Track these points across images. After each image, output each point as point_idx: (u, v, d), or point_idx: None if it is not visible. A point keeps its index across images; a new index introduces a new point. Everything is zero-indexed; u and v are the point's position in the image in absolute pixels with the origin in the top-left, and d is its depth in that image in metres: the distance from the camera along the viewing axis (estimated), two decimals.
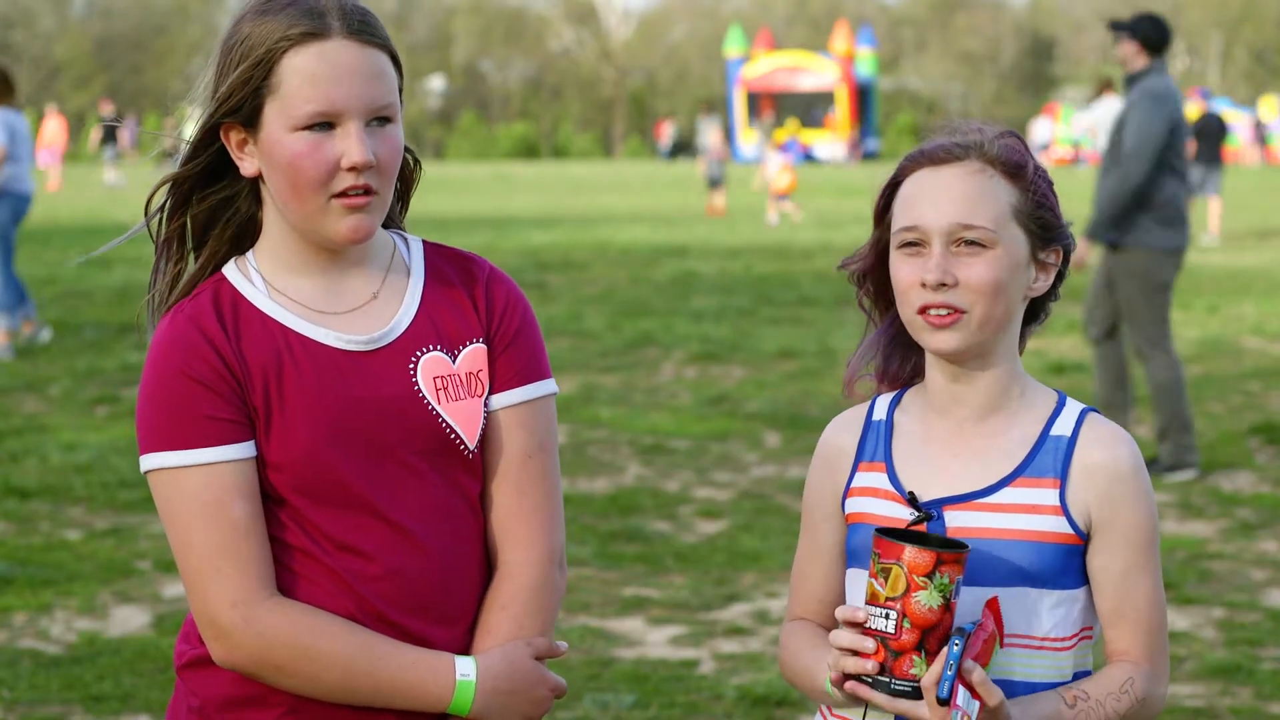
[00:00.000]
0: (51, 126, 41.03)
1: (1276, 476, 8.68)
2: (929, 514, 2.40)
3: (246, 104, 2.34)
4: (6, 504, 7.95)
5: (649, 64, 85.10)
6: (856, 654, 2.29)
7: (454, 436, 2.42)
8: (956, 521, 2.40)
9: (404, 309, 2.44)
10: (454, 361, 2.44)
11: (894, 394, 2.56)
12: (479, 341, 2.46)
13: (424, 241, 2.53)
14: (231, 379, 2.35)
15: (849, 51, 61.67)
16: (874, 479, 2.48)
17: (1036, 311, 2.52)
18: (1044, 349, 12.64)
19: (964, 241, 2.39)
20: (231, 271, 2.43)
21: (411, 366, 2.41)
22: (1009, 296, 2.42)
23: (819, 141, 59.57)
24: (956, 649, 2.23)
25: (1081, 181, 24.14)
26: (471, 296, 2.48)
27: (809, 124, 59.17)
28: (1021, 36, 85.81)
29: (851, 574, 2.50)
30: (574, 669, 5.66)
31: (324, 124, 2.32)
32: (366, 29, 2.35)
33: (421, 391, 2.41)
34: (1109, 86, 24.38)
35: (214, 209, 2.45)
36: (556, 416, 2.53)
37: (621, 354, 12.88)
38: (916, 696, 2.25)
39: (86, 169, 43.18)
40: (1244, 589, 6.68)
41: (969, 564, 2.29)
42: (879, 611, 2.26)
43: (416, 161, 2.54)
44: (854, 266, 2.55)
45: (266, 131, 2.34)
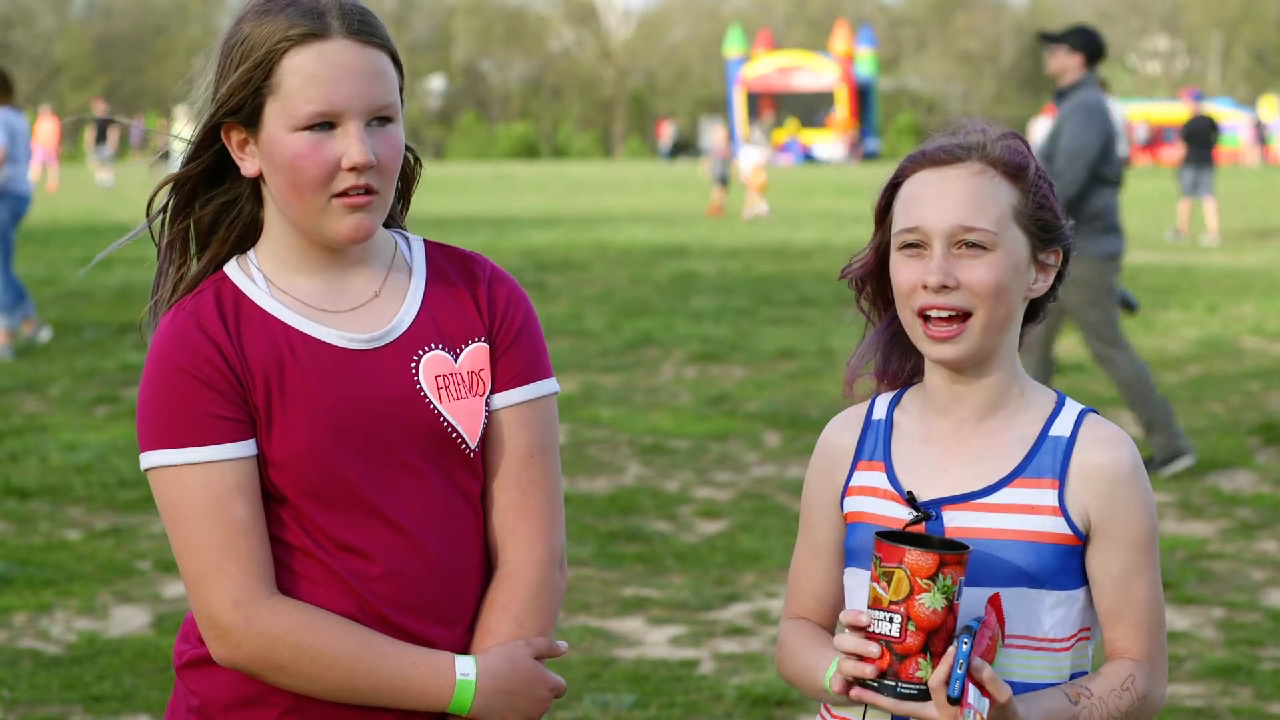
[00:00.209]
0: (45, 127, 40.92)
1: (1276, 476, 8.68)
2: (928, 514, 2.40)
3: (247, 104, 2.34)
4: (6, 504, 7.95)
5: (649, 64, 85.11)
6: (860, 658, 2.29)
7: (455, 435, 2.42)
8: (955, 522, 2.40)
9: (406, 308, 2.44)
10: (456, 360, 2.44)
11: (894, 393, 2.56)
12: (481, 340, 2.46)
13: (425, 240, 2.53)
14: (233, 377, 2.34)
15: (849, 51, 61.68)
16: (873, 478, 2.48)
17: (1035, 312, 2.52)
18: None
19: (965, 244, 2.39)
20: (233, 270, 2.43)
21: (413, 365, 2.41)
22: (1010, 298, 2.41)
23: (819, 141, 59.58)
24: (966, 647, 2.22)
25: None
26: (473, 295, 2.48)
27: (812, 125, 59.16)
28: (1021, 36, 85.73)
29: (850, 573, 2.50)
30: (574, 669, 5.66)
31: (324, 124, 2.32)
32: (367, 29, 2.35)
33: (423, 390, 2.41)
34: (1104, 89, 24.38)
35: (217, 212, 2.45)
36: (558, 416, 2.54)
37: (621, 354, 12.88)
38: (924, 698, 2.25)
39: (86, 169, 43.10)
40: (1244, 589, 6.67)
41: (969, 565, 2.29)
42: (882, 615, 2.25)
43: (417, 160, 2.54)
44: (854, 272, 2.55)
45: (267, 132, 2.34)
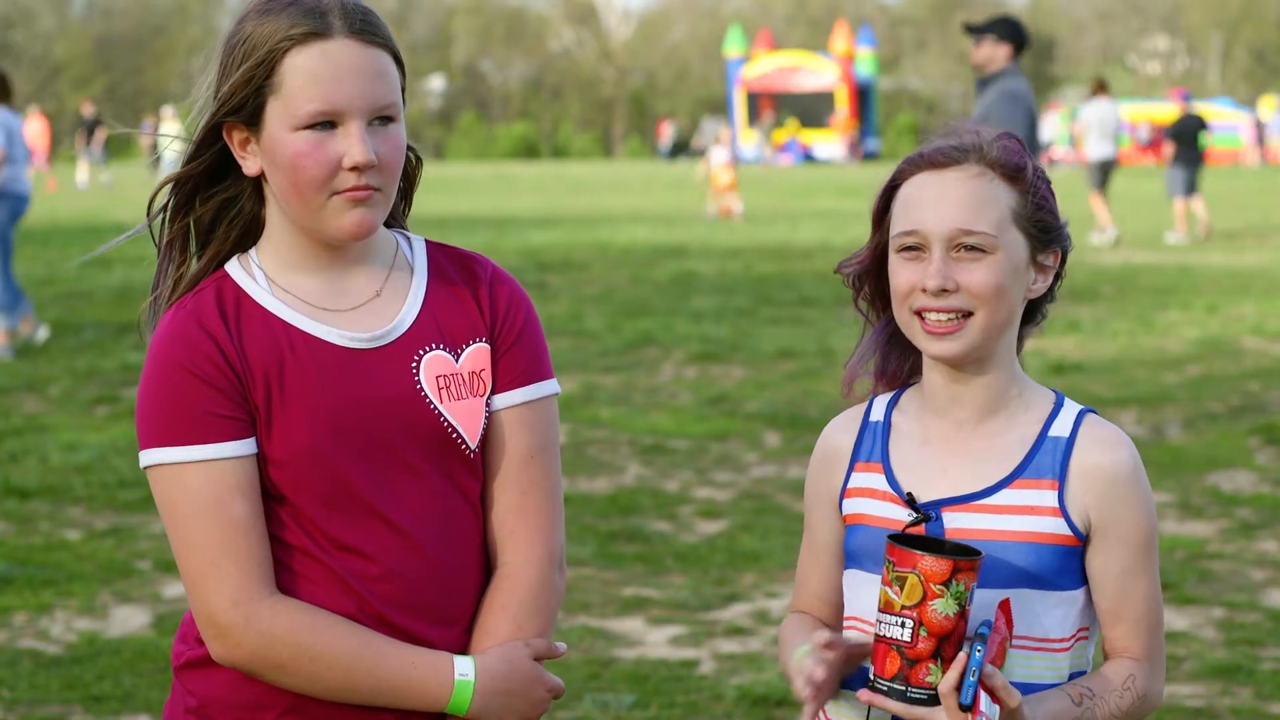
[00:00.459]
0: (33, 128, 40.78)
1: (1276, 476, 8.67)
2: (927, 515, 2.40)
3: (249, 103, 2.34)
4: (6, 504, 7.95)
5: (649, 64, 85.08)
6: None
7: (455, 436, 2.42)
8: (955, 523, 2.40)
9: (407, 307, 2.44)
10: (457, 360, 2.44)
11: (891, 394, 2.55)
12: (482, 341, 2.46)
13: (426, 241, 2.53)
14: (233, 375, 2.34)
15: (849, 51, 61.64)
16: (871, 480, 2.48)
17: (1033, 312, 2.51)
18: (1044, 349, 12.63)
19: (964, 246, 2.38)
20: (234, 268, 2.43)
21: (414, 365, 2.41)
22: (1010, 300, 2.41)
23: (819, 141, 59.57)
24: (979, 655, 2.22)
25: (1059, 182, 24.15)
26: (475, 296, 2.48)
27: (813, 125, 59.14)
28: None
29: (849, 575, 2.49)
30: (574, 669, 5.66)
31: (326, 123, 2.32)
32: (369, 28, 2.35)
33: (424, 390, 2.41)
34: (1102, 88, 24.37)
35: (218, 209, 2.45)
36: (559, 417, 2.53)
37: (621, 354, 12.87)
38: (933, 703, 2.25)
39: (87, 170, 43.06)
40: (1244, 589, 6.67)
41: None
42: (894, 619, 2.24)
43: (418, 160, 2.54)
44: (850, 269, 2.55)
45: (269, 130, 2.34)
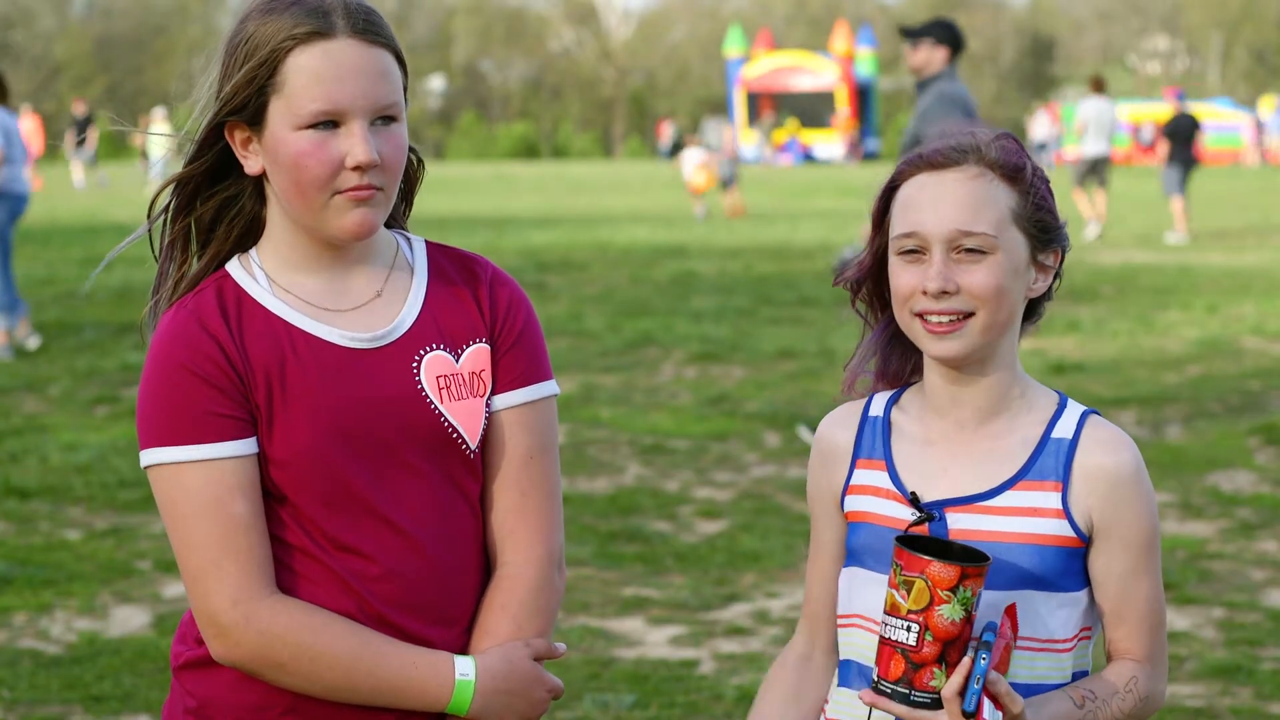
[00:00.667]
0: (25, 128, 40.70)
1: (1276, 476, 8.67)
2: (931, 514, 2.39)
3: (251, 102, 2.34)
4: (6, 504, 7.95)
5: (649, 64, 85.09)
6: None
7: (456, 436, 2.42)
8: (958, 524, 2.39)
9: (407, 308, 2.44)
10: (457, 361, 2.44)
11: (891, 392, 2.55)
12: (482, 341, 2.46)
13: (426, 241, 2.53)
14: (234, 375, 2.34)
15: (849, 51, 61.61)
16: (874, 477, 2.47)
17: (1030, 313, 2.51)
18: (1044, 349, 12.62)
19: (964, 248, 2.38)
20: (235, 268, 2.43)
21: (415, 365, 2.41)
22: (1011, 300, 2.41)
23: (819, 141, 59.56)
24: (985, 662, 2.22)
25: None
26: (475, 297, 2.48)
27: (813, 125, 59.13)
28: (1021, 36, 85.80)
29: (849, 572, 2.48)
30: (574, 669, 5.66)
31: (328, 123, 2.32)
32: (372, 28, 2.35)
33: (424, 390, 2.41)
34: (1099, 86, 24.38)
35: (219, 208, 2.45)
36: (558, 418, 2.53)
37: (621, 354, 12.87)
38: (936, 707, 2.24)
39: (83, 170, 43.03)
40: (1244, 589, 6.67)
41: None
42: (900, 623, 2.24)
43: (420, 161, 2.54)
44: (849, 275, 2.54)
45: (271, 130, 2.34)
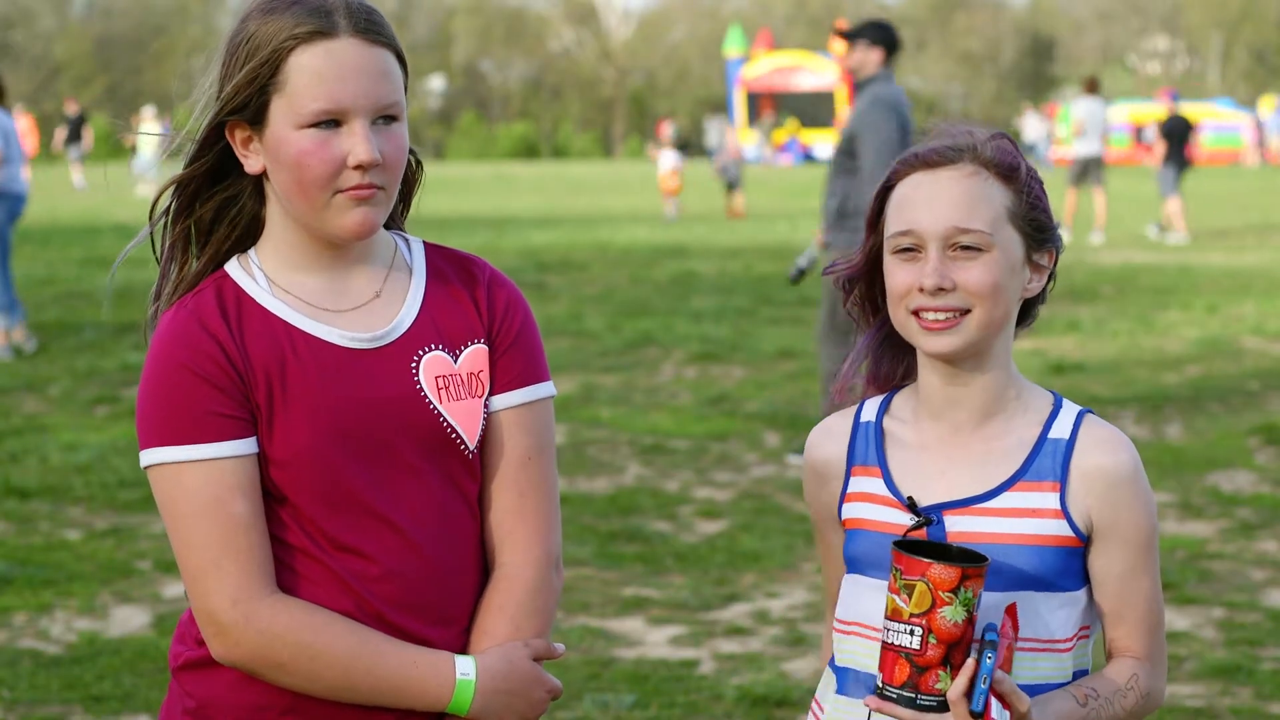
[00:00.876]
0: (19, 128, 40.55)
1: (1276, 476, 8.67)
2: (928, 519, 2.39)
3: (252, 102, 2.34)
4: (6, 504, 7.95)
5: (649, 64, 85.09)
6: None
7: (455, 436, 2.42)
8: (956, 527, 2.39)
9: (406, 308, 2.44)
10: (455, 361, 2.44)
11: (881, 398, 2.54)
12: (480, 342, 2.46)
13: (424, 242, 2.54)
14: (234, 374, 2.34)
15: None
16: (870, 484, 2.47)
17: (1023, 315, 2.50)
18: (1044, 349, 12.62)
19: (960, 246, 2.38)
20: (234, 268, 2.43)
21: (414, 365, 2.42)
22: (1007, 298, 2.41)
23: (819, 141, 59.57)
24: (990, 662, 2.22)
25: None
26: (473, 297, 2.48)
27: (815, 125, 59.13)
28: (1021, 36, 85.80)
29: (850, 580, 2.47)
30: (574, 669, 5.66)
31: (330, 122, 2.32)
32: (373, 28, 2.35)
33: (423, 390, 2.41)
34: (1092, 86, 24.38)
35: (218, 208, 2.45)
36: (554, 419, 2.54)
37: (621, 354, 12.87)
38: (942, 709, 2.24)
39: (81, 170, 43.02)
40: (1244, 589, 6.67)
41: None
42: (903, 627, 2.23)
43: (419, 163, 2.54)
44: (841, 271, 2.54)
45: (272, 129, 2.35)
